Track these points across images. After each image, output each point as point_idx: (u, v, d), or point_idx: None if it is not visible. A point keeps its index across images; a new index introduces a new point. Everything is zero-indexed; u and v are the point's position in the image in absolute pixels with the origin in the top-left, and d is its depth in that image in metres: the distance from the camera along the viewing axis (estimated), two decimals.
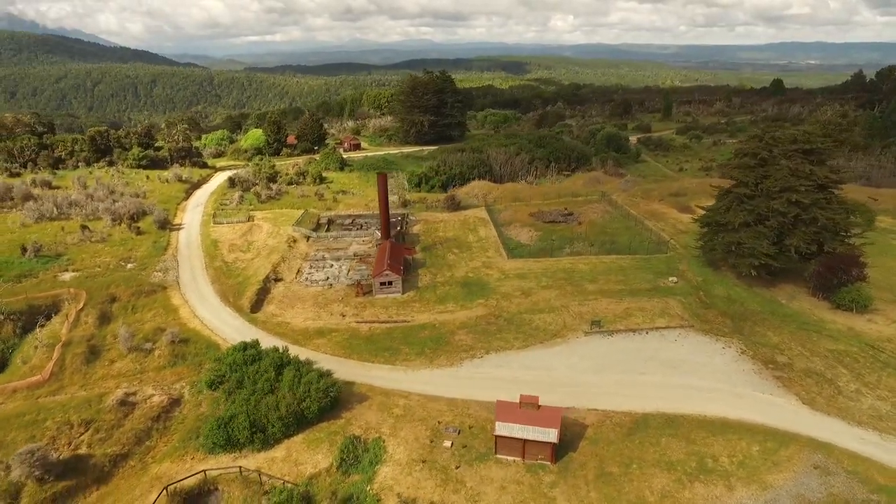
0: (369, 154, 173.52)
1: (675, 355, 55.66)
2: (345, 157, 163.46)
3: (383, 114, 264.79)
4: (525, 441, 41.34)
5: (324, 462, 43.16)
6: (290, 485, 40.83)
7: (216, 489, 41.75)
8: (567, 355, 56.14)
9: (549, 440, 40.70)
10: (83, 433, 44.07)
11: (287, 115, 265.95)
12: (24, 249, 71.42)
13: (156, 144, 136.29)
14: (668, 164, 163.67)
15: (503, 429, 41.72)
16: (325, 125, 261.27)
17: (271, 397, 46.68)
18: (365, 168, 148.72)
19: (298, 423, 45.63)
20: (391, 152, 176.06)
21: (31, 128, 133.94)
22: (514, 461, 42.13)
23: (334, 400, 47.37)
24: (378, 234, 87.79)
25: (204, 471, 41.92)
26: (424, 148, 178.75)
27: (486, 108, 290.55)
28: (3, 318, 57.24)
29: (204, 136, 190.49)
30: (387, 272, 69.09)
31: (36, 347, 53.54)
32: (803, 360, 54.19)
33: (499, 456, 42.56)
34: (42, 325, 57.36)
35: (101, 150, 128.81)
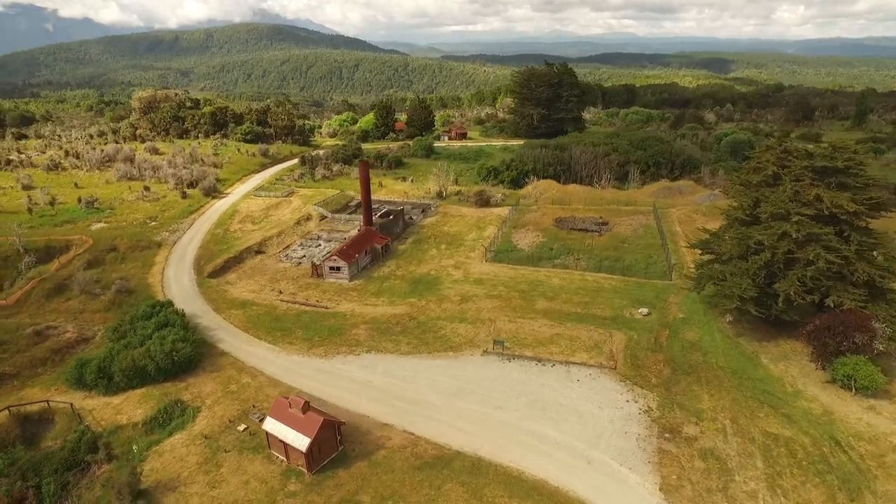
0: (469, 144, 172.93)
1: (558, 397, 47.27)
2: (443, 145, 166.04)
3: None
4: (285, 443, 39.46)
5: (139, 417, 46.18)
6: (99, 429, 44.82)
7: (53, 419, 47.46)
8: (441, 371, 51.21)
9: (300, 448, 38.22)
10: None
11: (449, 101, 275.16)
12: (80, 200, 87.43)
13: (269, 121, 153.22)
14: None
15: (269, 424, 40.31)
16: (458, 113, 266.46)
17: (135, 351, 51.16)
18: (452, 158, 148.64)
19: (142, 377, 49.28)
20: (493, 144, 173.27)
21: (178, 103, 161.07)
22: (282, 461, 40.50)
23: (179, 364, 50.05)
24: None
25: (47, 401, 47.91)
26: (532, 142, 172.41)
27: (659, 106, 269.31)
28: (23, 251, 71.27)
29: (335, 117, 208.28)
30: (335, 257, 69.66)
31: (21, 278, 65.75)
32: (717, 438, 42.13)
33: (272, 451, 41.29)
34: (29, 262, 69.75)
35: (219, 125, 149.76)
